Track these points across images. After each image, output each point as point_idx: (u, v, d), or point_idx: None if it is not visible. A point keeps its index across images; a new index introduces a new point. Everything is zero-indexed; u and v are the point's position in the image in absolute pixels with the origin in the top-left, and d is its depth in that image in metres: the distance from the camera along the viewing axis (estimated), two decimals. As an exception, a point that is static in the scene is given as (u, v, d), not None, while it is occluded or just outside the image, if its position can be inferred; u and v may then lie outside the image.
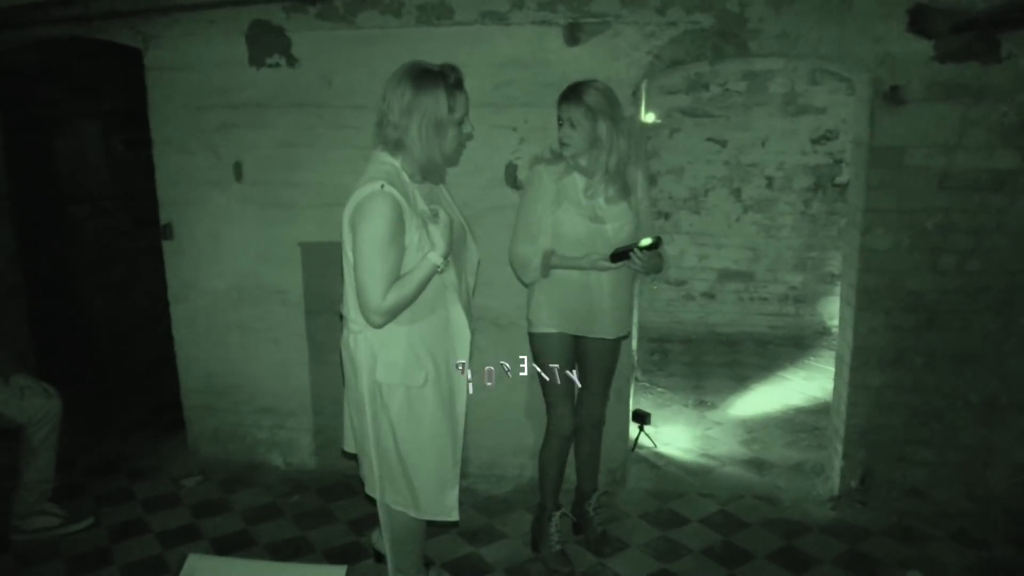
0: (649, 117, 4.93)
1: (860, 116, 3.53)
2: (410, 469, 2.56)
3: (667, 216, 6.46)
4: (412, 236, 2.33)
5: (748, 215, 6.36)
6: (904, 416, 3.60)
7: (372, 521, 3.34)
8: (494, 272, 3.66)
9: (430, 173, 2.46)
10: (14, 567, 3.33)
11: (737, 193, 6.33)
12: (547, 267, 3.00)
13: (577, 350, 3.15)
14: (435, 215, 2.38)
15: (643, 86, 4.50)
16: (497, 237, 3.63)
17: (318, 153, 3.74)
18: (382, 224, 2.27)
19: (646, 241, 2.92)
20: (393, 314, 2.36)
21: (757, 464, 4.15)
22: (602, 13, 3.38)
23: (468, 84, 3.47)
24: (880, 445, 3.65)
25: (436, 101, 2.32)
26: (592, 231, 2.97)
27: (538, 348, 3.14)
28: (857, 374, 3.60)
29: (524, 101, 3.54)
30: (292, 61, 3.65)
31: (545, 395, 3.21)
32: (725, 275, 6.50)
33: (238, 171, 3.83)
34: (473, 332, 2.59)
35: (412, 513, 2.62)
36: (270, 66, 3.68)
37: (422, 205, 2.40)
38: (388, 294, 2.31)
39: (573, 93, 2.91)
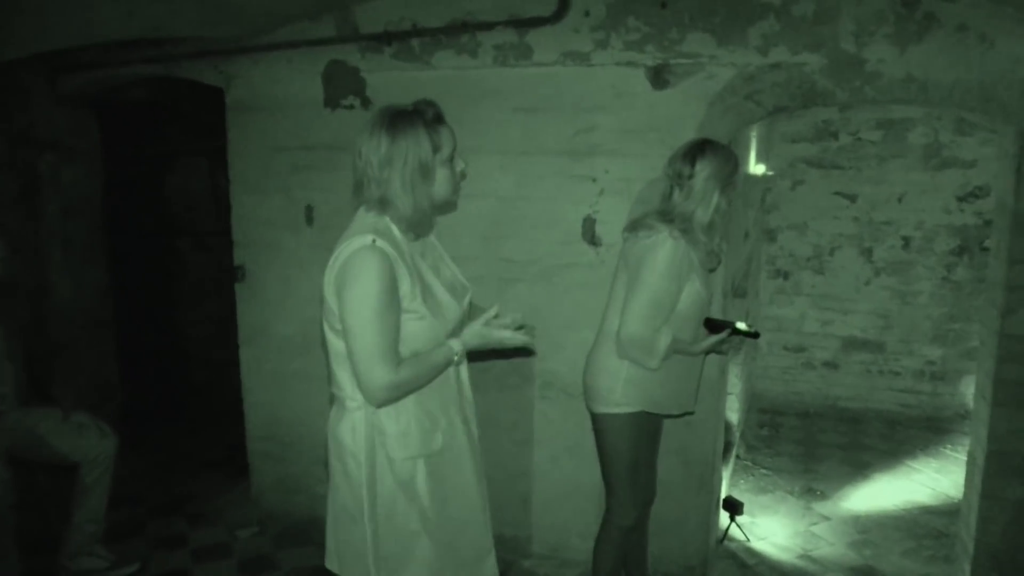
0: (759, 168, 4.47)
1: (1004, 175, 2.98)
2: (444, 550, 2.22)
3: (786, 276, 5.90)
4: (404, 290, 2.03)
5: (880, 278, 5.69)
6: (1052, 539, 2.96)
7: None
8: (564, 336, 3.34)
9: (418, 225, 2.14)
10: (54, 608, 3.27)
11: (868, 253, 5.69)
12: (671, 352, 2.63)
13: None
14: (482, 315, 2.14)
15: (752, 135, 4.11)
16: (572, 297, 3.33)
17: (389, 198, 3.56)
18: (375, 285, 1.95)
19: (743, 325, 2.63)
20: (402, 391, 2.05)
21: (866, 574, 3.55)
22: (695, 53, 3.02)
23: (546, 130, 3.27)
24: (1019, 571, 3.01)
25: (417, 143, 2.01)
26: (705, 306, 2.68)
27: (620, 429, 2.73)
28: (992, 483, 3.00)
29: (606, 149, 3.21)
30: (366, 102, 3.50)
31: (610, 480, 2.83)
32: (851, 344, 5.84)
33: (309, 215, 3.70)
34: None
35: None
36: (344, 107, 3.55)
37: (420, 263, 2.13)
38: (401, 369, 2.00)
39: None
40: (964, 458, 4.69)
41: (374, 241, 1.97)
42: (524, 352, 2.39)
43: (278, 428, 4.00)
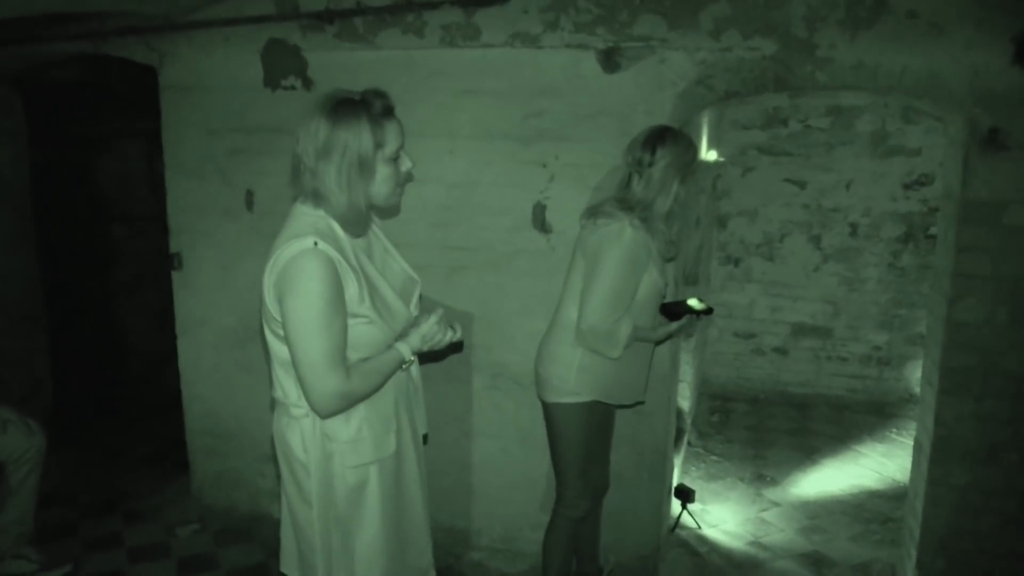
0: (711, 155, 4.45)
1: (952, 163, 2.98)
2: (393, 549, 2.14)
3: (737, 262, 5.91)
4: (350, 294, 1.89)
5: (828, 265, 5.74)
6: (995, 523, 2.98)
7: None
8: (515, 325, 3.27)
9: (354, 225, 1.98)
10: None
11: (816, 240, 5.73)
12: (632, 341, 2.59)
13: None
14: (427, 318, 2.05)
15: (704, 121, 4.07)
16: (522, 285, 3.26)
17: (332, 184, 3.44)
18: (319, 291, 1.81)
19: (695, 302, 2.60)
20: (351, 400, 1.93)
21: (816, 560, 3.57)
22: (646, 36, 2.95)
23: (495, 114, 3.18)
24: (964, 555, 3.03)
25: (358, 136, 1.84)
26: (661, 293, 2.64)
27: (573, 419, 2.69)
28: (937, 468, 3.01)
29: (556, 134, 3.13)
30: (308, 83, 3.36)
31: (561, 470, 2.79)
32: (800, 330, 5.88)
33: (249, 200, 3.56)
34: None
35: None
36: (285, 88, 3.40)
37: (366, 264, 2.00)
38: (351, 378, 1.89)
39: None
40: (910, 442, 4.76)
41: (316, 243, 1.82)
42: (456, 349, 2.33)
43: (218, 421, 3.86)
